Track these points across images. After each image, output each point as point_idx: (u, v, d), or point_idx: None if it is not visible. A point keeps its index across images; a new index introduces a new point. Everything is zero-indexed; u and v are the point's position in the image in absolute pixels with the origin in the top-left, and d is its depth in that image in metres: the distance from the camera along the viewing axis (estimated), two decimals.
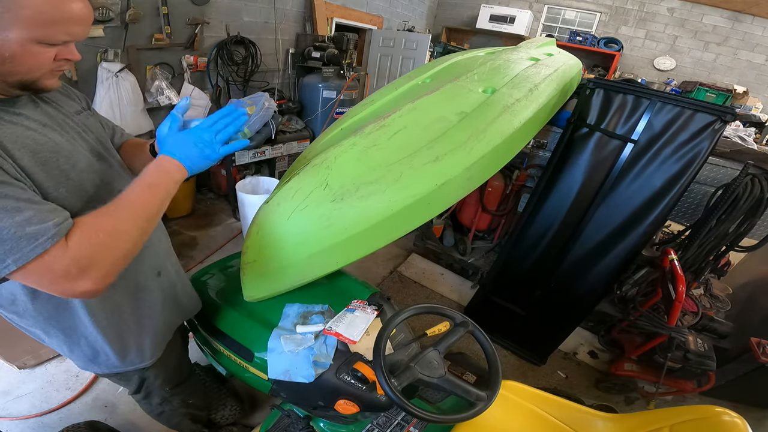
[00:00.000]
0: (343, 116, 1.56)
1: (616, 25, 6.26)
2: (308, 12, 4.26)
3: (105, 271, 0.70)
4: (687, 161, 1.67)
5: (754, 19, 5.42)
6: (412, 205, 1.04)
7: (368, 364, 1.05)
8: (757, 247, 1.98)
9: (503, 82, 1.50)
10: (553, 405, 1.35)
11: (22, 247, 0.60)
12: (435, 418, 0.91)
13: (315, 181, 1.06)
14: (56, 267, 0.64)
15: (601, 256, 1.93)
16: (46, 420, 1.73)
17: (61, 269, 0.64)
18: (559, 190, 1.99)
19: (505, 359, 2.38)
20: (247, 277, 1.19)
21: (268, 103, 3.13)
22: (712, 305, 2.17)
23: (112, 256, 0.71)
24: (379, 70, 5.50)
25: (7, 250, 0.60)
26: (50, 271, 0.64)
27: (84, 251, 0.66)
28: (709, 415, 1.09)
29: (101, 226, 0.70)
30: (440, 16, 7.47)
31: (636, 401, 2.18)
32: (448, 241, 3.05)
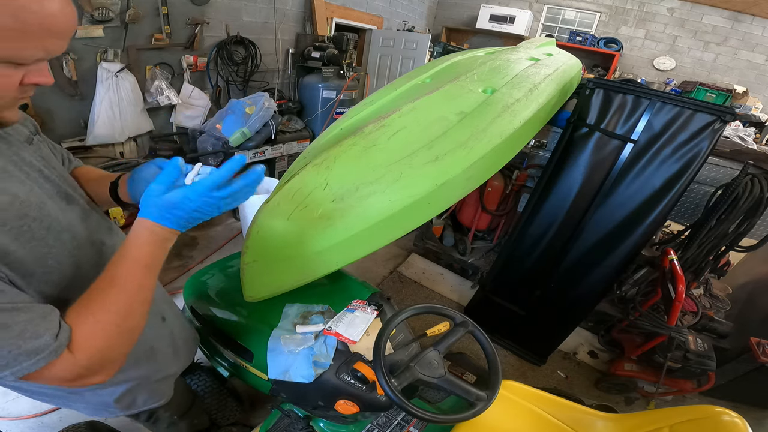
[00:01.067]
0: (343, 116, 1.56)
1: (615, 25, 6.26)
2: (308, 12, 4.26)
3: (117, 364, 0.65)
4: (687, 161, 1.67)
5: (753, 19, 5.42)
6: (412, 205, 1.04)
7: (368, 364, 1.05)
8: (756, 247, 1.98)
9: (503, 82, 1.50)
10: (553, 405, 1.35)
11: (21, 362, 0.52)
12: (435, 418, 0.91)
13: (315, 181, 1.06)
14: (65, 375, 0.57)
15: (601, 256, 1.93)
16: (45, 420, 1.72)
17: (71, 376, 0.58)
18: (559, 190, 1.99)
19: (505, 359, 2.38)
20: (247, 277, 1.18)
21: (268, 103, 3.13)
22: (711, 305, 2.18)
23: (121, 350, 0.64)
24: (379, 70, 5.50)
25: (3, 365, 0.51)
26: (59, 378, 0.57)
27: (94, 355, 0.59)
28: (709, 415, 1.09)
29: (106, 320, 0.61)
30: (440, 16, 7.47)
31: (636, 401, 2.18)
32: (448, 241, 3.05)
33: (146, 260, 0.65)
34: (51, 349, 0.53)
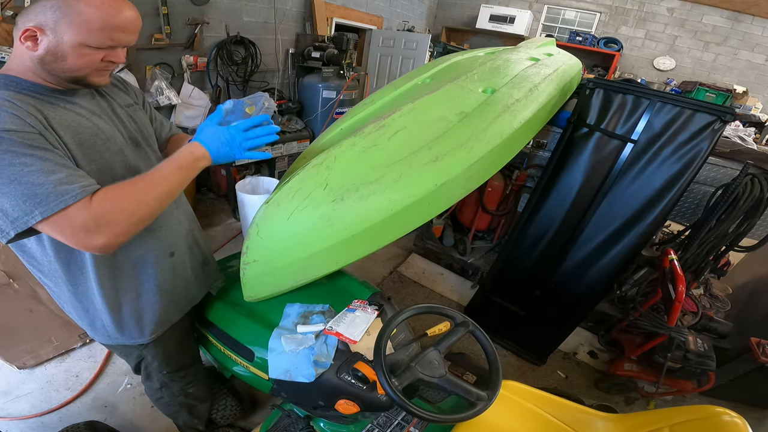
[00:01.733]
0: (343, 116, 1.56)
1: (615, 25, 6.26)
2: (308, 12, 4.26)
3: (120, 231, 0.78)
4: (687, 161, 1.67)
5: (753, 19, 5.42)
6: (412, 205, 1.04)
7: (369, 364, 1.05)
8: (756, 247, 1.98)
9: (503, 82, 1.50)
10: (553, 405, 1.35)
11: (50, 201, 0.70)
12: (435, 418, 0.91)
13: (315, 181, 1.06)
14: (77, 220, 0.73)
15: (601, 256, 1.93)
16: (45, 420, 1.73)
17: (80, 222, 0.73)
18: (559, 190, 1.99)
19: (504, 359, 2.38)
20: (247, 277, 1.18)
21: (268, 103, 3.12)
22: (711, 305, 2.18)
23: (128, 218, 0.79)
24: (379, 70, 5.50)
25: (37, 203, 0.70)
26: (71, 224, 0.73)
27: (104, 209, 0.75)
28: (709, 415, 1.09)
29: (125, 192, 0.79)
30: (440, 16, 7.47)
31: (636, 401, 2.18)
32: (448, 241, 3.05)
33: (178, 161, 0.88)
34: (75, 192, 0.72)
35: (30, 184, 0.69)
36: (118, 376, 1.95)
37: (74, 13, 0.73)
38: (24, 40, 0.75)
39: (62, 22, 0.74)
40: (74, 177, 0.74)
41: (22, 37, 0.75)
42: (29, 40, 0.75)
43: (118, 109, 0.97)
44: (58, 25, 0.74)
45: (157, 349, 1.17)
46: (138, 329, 1.08)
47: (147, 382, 1.31)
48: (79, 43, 0.76)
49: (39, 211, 0.70)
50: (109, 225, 0.76)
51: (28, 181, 0.69)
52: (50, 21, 0.74)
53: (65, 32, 0.74)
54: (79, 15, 0.74)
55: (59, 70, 0.79)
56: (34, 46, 0.76)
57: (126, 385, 1.90)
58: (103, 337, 1.08)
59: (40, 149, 0.72)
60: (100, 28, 0.76)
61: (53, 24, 0.74)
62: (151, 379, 1.28)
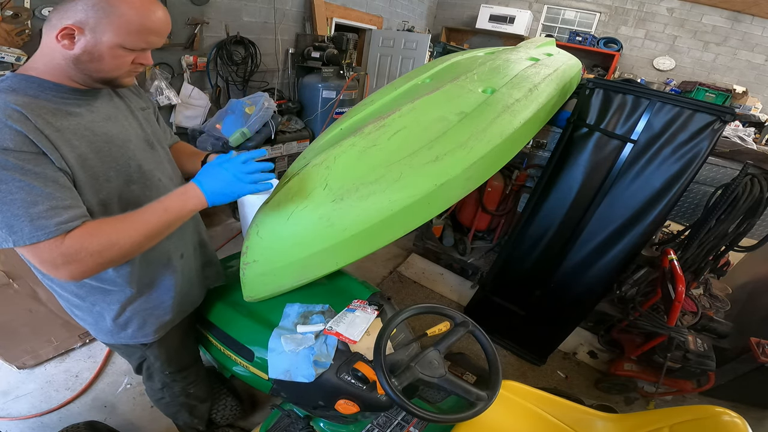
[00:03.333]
0: (343, 116, 1.56)
1: (615, 25, 6.26)
2: (308, 12, 4.26)
3: (85, 269, 0.78)
4: (686, 161, 1.67)
5: (753, 19, 5.42)
6: (411, 205, 1.04)
7: (369, 364, 1.05)
8: (756, 247, 1.98)
9: (503, 82, 1.50)
10: (553, 405, 1.35)
11: (24, 234, 0.71)
12: (435, 418, 0.91)
13: (315, 181, 1.06)
14: (45, 255, 0.74)
15: (601, 256, 1.94)
16: (45, 420, 1.73)
17: (48, 258, 0.74)
18: (559, 190, 1.99)
19: (504, 359, 2.38)
20: (247, 277, 1.18)
21: (268, 103, 3.13)
22: (711, 305, 2.18)
23: (96, 260, 0.78)
24: (379, 70, 5.50)
25: (12, 232, 0.71)
26: (40, 257, 0.74)
27: (73, 249, 0.75)
28: (709, 415, 1.09)
29: (100, 232, 0.78)
30: (440, 16, 7.47)
31: (636, 401, 2.18)
32: (447, 241, 3.05)
33: (168, 203, 0.85)
34: (49, 230, 0.72)
35: (9, 214, 0.70)
36: (118, 376, 1.95)
37: (116, 14, 0.74)
38: (61, 38, 0.74)
39: (103, 22, 0.74)
40: (54, 211, 0.73)
41: (59, 35, 0.74)
42: (66, 39, 0.74)
43: (136, 112, 1.00)
44: (99, 24, 0.74)
45: (160, 350, 1.17)
46: (142, 329, 1.09)
47: (148, 383, 1.31)
48: (116, 44, 0.76)
49: (12, 239, 0.71)
50: (75, 263, 0.76)
51: (8, 210, 0.69)
52: (91, 20, 0.73)
53: (105, 32, 0.75)
54: (121, 16, 0.74)
55: (93, 71, 0.79)
56: (71, 44, 0.75)
57: (126, 385, 1.90)
58: (106, 336, 1.08)
59: (30, 174, 0.71)
60: (138, 30, 0.77)
61: (94, 23, 0.74)
62: (153, 380, 1.28)
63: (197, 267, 1.22)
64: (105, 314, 1.02)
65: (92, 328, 1.07)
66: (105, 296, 0.99)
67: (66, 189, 0.77)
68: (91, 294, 0.98)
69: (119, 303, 1.01)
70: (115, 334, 1.07)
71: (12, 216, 0.70)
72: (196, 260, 1.20)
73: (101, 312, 1.02)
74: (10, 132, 0.69)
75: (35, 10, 2.19)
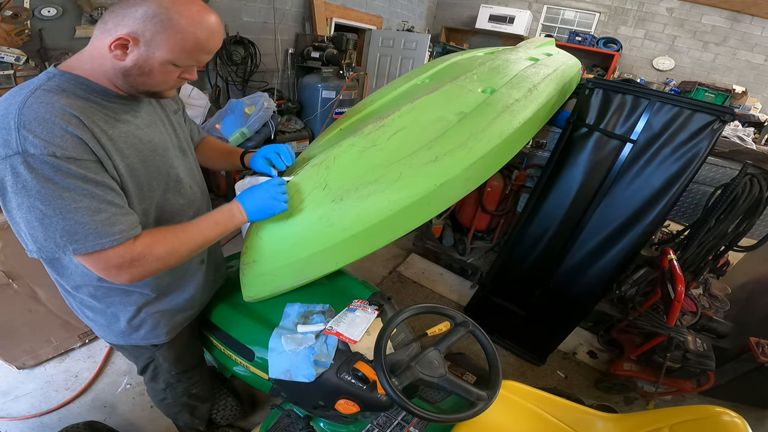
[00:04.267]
0: (343, 116, 1.56)
1: (615, 25, 6.26)
2: (307, 12, 4.26)
3: (147, 273, 0.82)
4: (686, 161, 1.67)
5: (753, 19, 5.43)
6: (411, 205, 1.04)
7: (369, 364, 1.05)
8: (756, 247, 1.98)
9: (502, 82, 1.50)
10: (553, 405, 1.35)
11: (88, 241, 0.72)
12: (435, 418, 0.91)
13: (315, 181, 1.06)
14: (114, 260, 0.76)
15: (601, 256, 1.94)
16: (45, 420, 1.72)
17: (117, 262, 0.77)
18: (559, 190, 1.99)
19: (504, 359, 2.38)
20: (247, 277, 1.18)
21: (267, 103, 3.13)
22: (711, 305, 2.18)
23: (159, 265, 0.83)
24: (379, 70, 5.50)
25: (74, 240, 0.71)
26: (106, 262, 0.76)
27: (144, 254, 0.79)
28: (709, 415, 1.09)
29: (165, 240, 0.83)
30: (439, 16, 7.47)
31: (635, 401, 2.18)
32: (447, 241, 3.05)
33: (218, 218, 0.92)
34: (114, 237, 0.74)
35: (73, 222, 0.70)
36: (118, 376, 1.95)
37: (174, 30, 0.72)
38: (114, 48, 0.72)
39: (160, 37, 0.72)
40: (117, 217, 0.75)
41: (113, 44, 0.71)
42: (119, 49, 0.72)
43: (171, 116, 1.00)
44: (155, 38, 0.72)
45: (169, 351, 1.17)
46: (155, 330, 1.09)
47: (151, 383, 1.30)
48: (168, 60, 0.75)
49: (72, 247, 0.71)
50: (141, 267, 0.80)
51: (72, 218, 0.69)
52: (148, 33, 0.71)
53: (158, 48, 0.73)
54: (178, 33, 0.72)
55: (140, 84, 0.78)
56: (123, 55, 0.73)
57: (125, 385, 1.90)
58: (117, 337, 1.07)
59: (92, 183, 0.71)
60: (192, 49, 0.76)
61: (150, 36, 0.72)
62: (157, 380, 1.27)
63: (211, 271, 1.23)
64: (120, 316, 1.02)
65: (103, 329, 1.06)
66: (123, 298, 0.99)
67: (121, 196, 0.79)
68: (109, 296, 0.98)
69: (136, 305, 1.01)
70: (128, 336, 1.07)
71: (75, 224, 0.70)
72: (210, 265, 1.21)
73: (116, 313, 1.01)
74: (71, 139, 0.68)
75: (35, 11, 2.19)
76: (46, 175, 0.66)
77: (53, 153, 0.66)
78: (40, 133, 0.66)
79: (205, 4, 0.77)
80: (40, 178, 0.66)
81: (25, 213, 0.68)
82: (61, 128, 0.67)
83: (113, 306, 1.00)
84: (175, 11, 0.71)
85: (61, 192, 0.68)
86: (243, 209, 0.94)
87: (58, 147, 0.67)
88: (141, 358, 1.20)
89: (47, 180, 0.67)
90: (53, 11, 2.26)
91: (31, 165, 0.65)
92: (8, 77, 2.11)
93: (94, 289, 0.96)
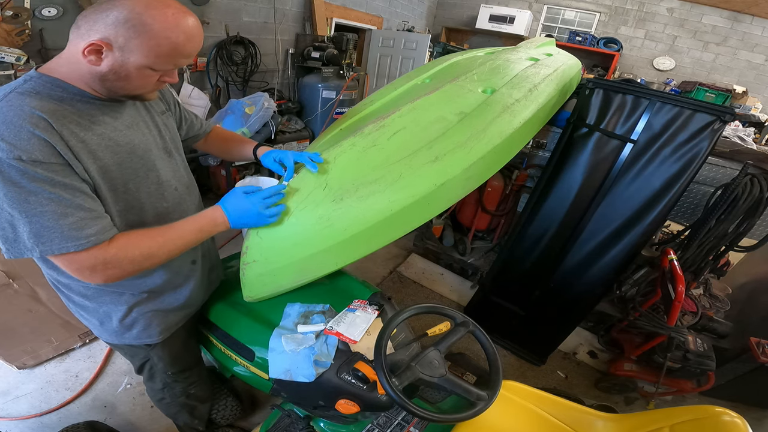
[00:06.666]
0: (343, 116, 1.56)
1: (615, 25, 6.26)
2: (308, 12, 4.26)
3: (120, 275, 0.82)
4: (686, 161, 1.67)
5: (753, 19, 5.43)
6: (411, 205, 1.04)
7: (369, 364, 1.05)
8: (756, 247, 1.98)
9: (503, 82, 1.50)
10: (553, 405, 1.35)
11: (54, 244, 0.72)
12: (436, 418, 0.91)
13: (315, 181, 1.06)
14: (86, 262, 0.76)
15: (601, 256, 1.93)
16: (45, 420, 1.72)
17: (89, 264, 0.77)
18: (559, 190, 1.99)
19: (504, 359, 2.38)
20: (247, 277, 1.18)
21: (268, 103, 3.13)
22: (711, 305, 2.17)
23: (133, 268, 0.83)
24: (379, 70, 5.51)
25: (41, 242, 0.71)
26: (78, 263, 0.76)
27: (118, 256, 0.79)
28: (709, 415, 1.09)
29: (141, 244, 0.83)
30: (440, 16, 7.48)
31: (636, 401, 2.18)
32: (447, 241, 3.05)
33: (200, 222, 0.92)
34: (80, 242, 0.73)
35: (39, 225, 0.70)
36: (118, 376, 1.95)
37: (148, 36, 0.70)
38: (88, 53, 0.71)
39: (133, 42, 0.70)
40: (85, 221, 0.74)
41: (86, 50, 0.70)
42: (93, 54, 0.71)
43: (156, 117, 0.99)
44: (128, 44, 0.71)
45: (164, 351, 1.18)
46: (147, 330, 1.09)
47: (149, 383, 1.31)
48: (144, 65, 0.74)
49: (40, 249, 0.71)
50: (115, 269, 0.80)
51: (38, 222, 0.69)
52: (120, 38, 0.70)
53: (133, 53, 0.72)
54: (152, 38, 0.71)
55: (119, 88, 0.78)
56: (98, 60, 0.72)
57: (126, 385, 1.90)
58: (111, 336, 1.08)
59: (59, 186, 0.71)
60: (169, 54, 0.74)
61: (123, 42, 0.70)
62: (154, 380, 1.28)
63: (205, 272, 1.22)
64: (112, 315, 1.02)
65: (97, 329, 1.07)
66: (115, 297, 1.00)
67: (92, 200, 0.78)
68: (100, 295, 0.99)
69: (127, 305, 1.02)
70: (120, 335, 1.07)
71: (42, 227, 0.70)
72: (204, 266, 1.21)
73: (108, 313, 1.02)
74: (38, 142, 0.68)
75: (35, 11, 2.19)
76: (12, 178, 0.66)
77: (19, 156, 0.66)
78: (7, 137, 0.65)
79: (182, 6, 0.75)
80: (6, 181, 0.66)
81: None
82: (27, 131, 0.67)
83: (105, 305, 1.00)
84: (148, 15, 0.70)
85: (27, 196, 0.68)
86: (226, 217, 0.94)
87: (24, 151, 0.66)
88: (136, 357, 1.21)
89: (13, 183, 0.67)
90: (54, 11, 2.26)
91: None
92: (8, 77, 2.12)
93: (85, 288, 0.96)
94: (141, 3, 0.70)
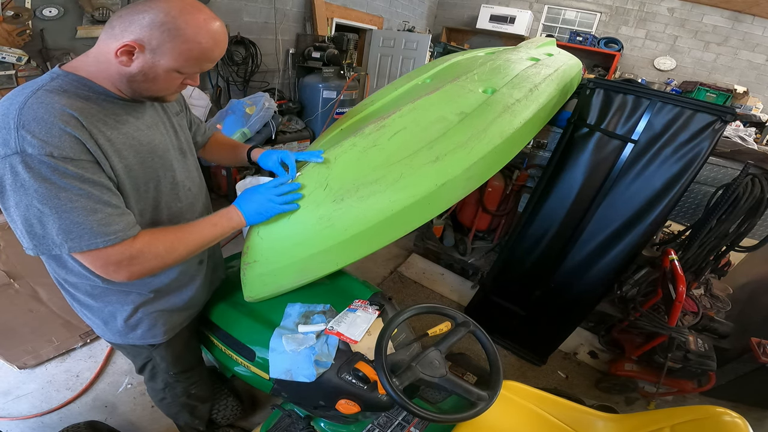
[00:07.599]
0: (343, 116, 1.56)
1: (616, 25, 6.26)
2: (308, 12, 4.26)
3: (145, 271, 0.83)
4: (687, 161, 1.67)
5: (754, 19, 5.42)
6: (412, 205, 1.04)
7: (370, 364, 1.05)
8: (757, 247, 1.98)
9: (503, 82, 1.50)
10: (554, 405, 1.35)
11: (83, 240, 0.73)
12: (436, 418, 0.91)
13: (315, 181, 1.06)
14: (113, 258, 0.77)
15: (602, 256, 1.93)
16: (46, 420, 1.73)
17: (115, 260, 0.78)
18: (559, 190, 1.99)
19: (505, 359, 2.38)
20: (248, 277, 1.18)
21: (268, 104, 3.13)
22: (712, 305, 2.17)
23: (158, 264, 0.85)
24: (379, 71, 5.51)
25: (70, 238, 0.72)
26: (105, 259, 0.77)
27: (143, 252, 0.81)
28: (710, 416, 1.09)
29: (164, 239, 0.85)
30: (440, 16, 7.48)
31: (636, 401, 2.18)
32: (448, 241, 3.05)
33: (216, 220, 0.95)
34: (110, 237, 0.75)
35: (69, 221, 0.71)
36: (119, 376, 1.95)
37: (180, 39, 0.73)
38: (120, 54, 0.73)
39: (166, 45, 0.73)
40: (113, 218, 0.76)
41: (119, 51, 0.72)
42: (125, 55, 0.73)
43: (173, 118, 1.01)
44: (161, 47, 0.73)
45: (167, 351, 1.18)
46: (152, 330, 1.09)
47: (150, 383, 1.31)
48: (172, 68, 0.76)
49: (68, 245, 0.72)
50: (140, 265, 0.81)
51: (68, 218, 0.70)
52: (154, 41, 0.72)
53: (164, 56, 0.74)
54: (185, 42, 0.73)
55: (144, 89, 0.80)
56: (129, 61, 0.74)
57: (126, 385, 1.91)
58: (114, 336, 1.08)
59: (89, 182, 0.72)
60: (198, 57, 0.77)
61: (156, 45, 0.72)
62: (156, 380, 1.28)
63: (209, 272, 1.23)
64: (117, 315, 1.02)
65: (100, 329, 1.07)
66: (121, 297, 1.00)
67: (118, 196, 0.80)
68: (107, 295, 0.99)
69: (133, 304, 1.02)
70: (124, 335, 1.07)
71: (71, 223, 0.71)
72: (209, 266, 1.22)
73: (113, 312, 1.02)
74: (69, 139, 0.69)
75: (36, 11, 2.19)
76: (44, 174, 0.67)
77: (51, 153, 0.67)
78: (39, 134, 0.66)
79: (212, 12, 0.78)
80: (38, 177, 0.67)
81: (23, 211, 0.69)
82: (59, 129, 0.68)
83: (110, 305, 1.01)
84: (183, 20, 0.72)
85: (58, 192, 0.69)
86: (240, 213, 0.97)
87: (56, 147, 0.67)
88: (139, 357, 1.21)
89: (44, 179, 0.67)
90: (54, 11, 2.26)
91: (29, 164, 0.66)
92: (9, 77, 2.12)
93: (91, 288, 0.96)
94: (176, 7, 0.72)
